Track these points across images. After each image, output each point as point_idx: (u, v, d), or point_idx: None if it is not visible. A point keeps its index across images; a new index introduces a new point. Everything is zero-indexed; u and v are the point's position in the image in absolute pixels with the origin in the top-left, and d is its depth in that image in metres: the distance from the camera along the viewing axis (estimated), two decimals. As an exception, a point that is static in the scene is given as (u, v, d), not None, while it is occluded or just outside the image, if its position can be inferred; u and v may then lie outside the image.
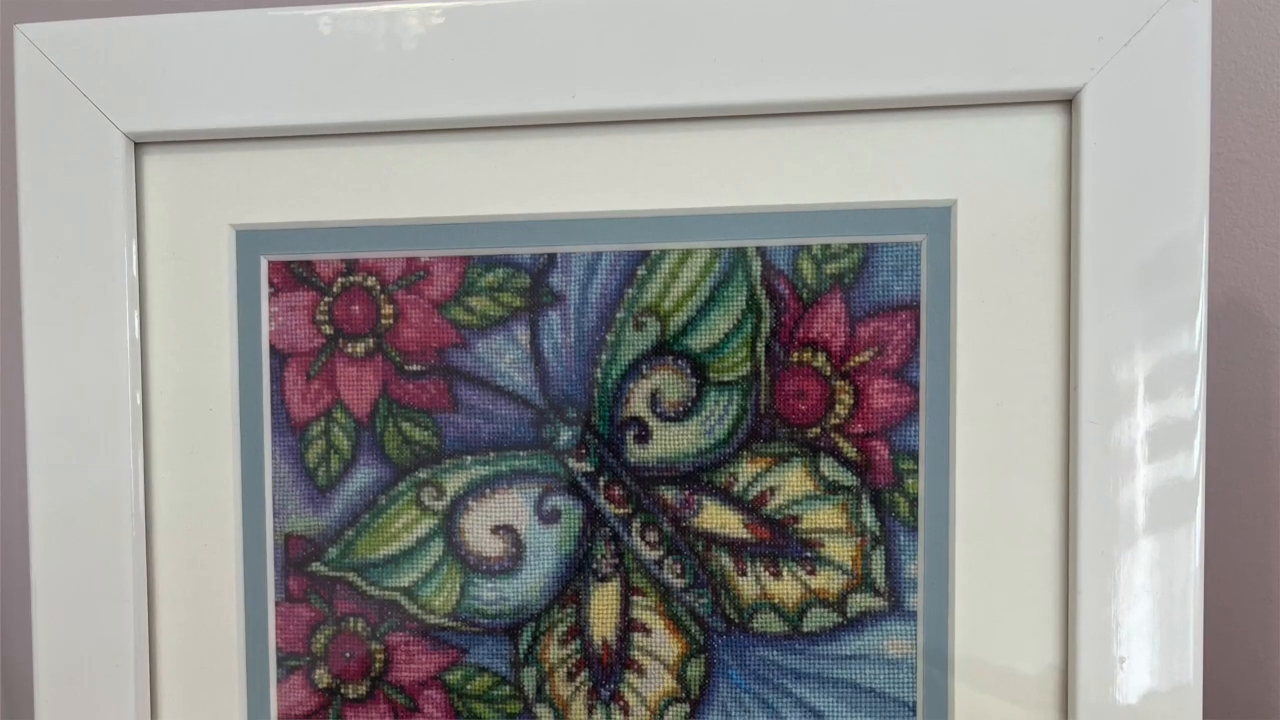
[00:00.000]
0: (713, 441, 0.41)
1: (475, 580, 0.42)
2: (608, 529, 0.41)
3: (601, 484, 0.41)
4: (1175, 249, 0.38)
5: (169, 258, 0.41)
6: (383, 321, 0.41)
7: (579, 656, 0.41)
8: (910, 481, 0.40)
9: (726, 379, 0.40)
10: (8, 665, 0.51)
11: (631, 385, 0.41)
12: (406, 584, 0.42)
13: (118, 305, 0.40)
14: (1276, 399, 0.49)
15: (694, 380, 0.40)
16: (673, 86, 0.39)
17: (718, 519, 0.41)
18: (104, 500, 0.40)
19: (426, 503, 0.42)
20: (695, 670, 0.41)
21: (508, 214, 0.40)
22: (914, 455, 0.40)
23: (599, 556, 0.41)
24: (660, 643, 0.41)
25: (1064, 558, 0.39)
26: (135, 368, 0.41)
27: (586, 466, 0.41)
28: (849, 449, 0.40)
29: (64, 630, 0.41)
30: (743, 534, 0.41)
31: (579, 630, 0.41)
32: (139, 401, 0.41)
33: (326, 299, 0.41)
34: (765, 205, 0.40)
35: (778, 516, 0.40)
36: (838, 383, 0.40)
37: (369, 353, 0.41)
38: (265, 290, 0.42)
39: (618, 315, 0.41)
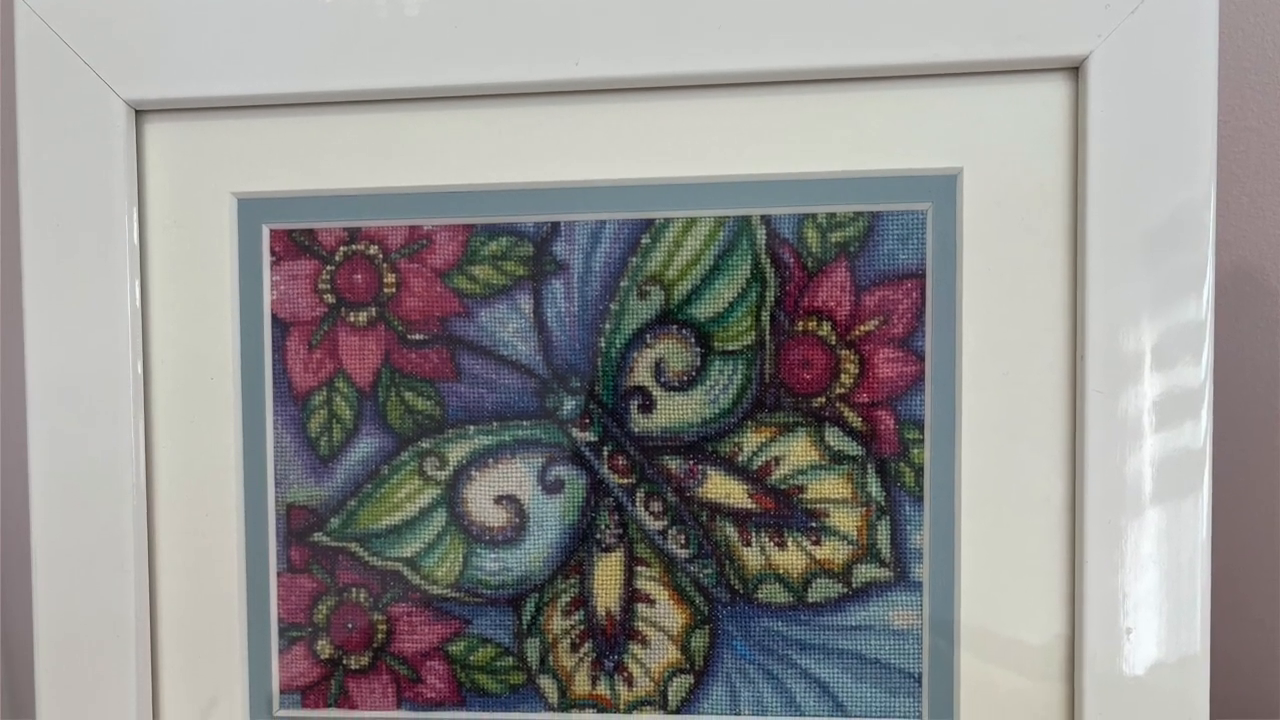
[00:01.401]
0: (717, 411, 0.40)
1: (478, 550, 0.41)
2: (611, 499, 0.41)
3: (605, 454, 0.41)
4: (1182, 217, 0.37)
5: (170, 226, 0.41)
6: (385, 290, 0.41)
7: (582, 627, 0.41)
8: (916, 451, 0.40)
9: (731, 348, 0.40)
10: (8, 635, 0.51)
11: (635, 354, 0.40)
12: (409, 554, 0.42)
13: (118, 273, 0.40)
14: (1284, 371, 0.49)
15: (698, 349, 0.40)
16: (677, 54, 0.38)
17: (722, 489, 0.40)
18: (104, 469, 0.40)
19: (429, 473, 0.41)
20: (699, 641, 0.41)
21: (511, 182, 0.40)
22: (920, 425, 0.40)
23: (603, 527, 0.41)
24: (664, 613, 0.41)
25: (1070, 528, 0.39)
26: (136, 336, 0.40)
27: (590, 436, 0.41)
28: (854, 419, 0.40)
29: (64, 599, 0.40)
30: (747, 504, 0.40)
31: (582, 601, 0.41)
32: (140, 370, 0.41)
33: (329, 267, 0.41)
34: (770, 173, 0.39)
35: (782, 486, 0.40)
36: (843, 352, 0.40)
37: (371, 322, 0.41)
38: (267, 258, 0.41)
39: (622, 284, 0.40)
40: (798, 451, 0.40)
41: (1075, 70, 0.38)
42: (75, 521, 0.40)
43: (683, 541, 0.41)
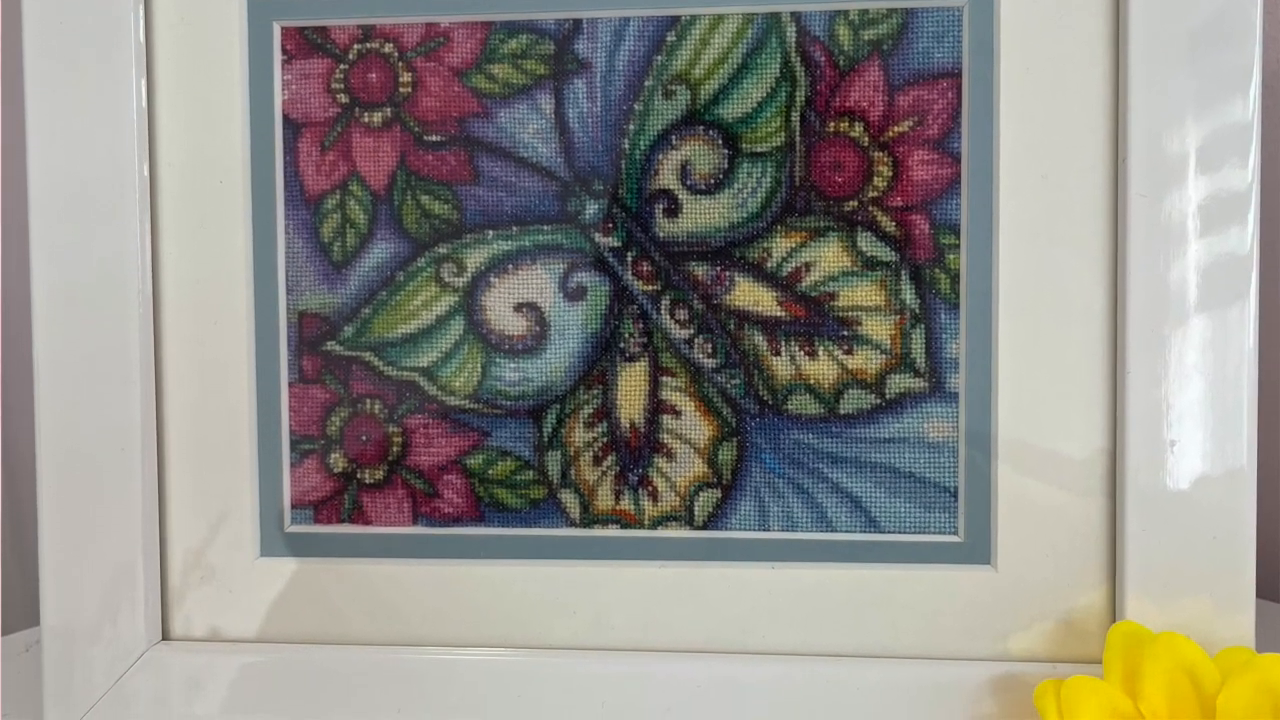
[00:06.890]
0: (745, 215, 0.39)
1: (497, 360, 0.40)
2: (635, 307, 0.39)
3: (629, 259, 0.39)
4: (1228, 13, 0.36)
5: (177, 23, 0.39)
6: (401, 90, 0.40)
7: (606, 440, 0.40)
8: (951, 257, 0.38)
9: (760, 150, 0.39)
10: (9, 449, 0.49)
11: (660, 156, 0.39)
12: (425, 364, 0.40)
13: (124, 73, 0.39)
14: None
15: (725, 151, 0.39)
16: None
17: (750, 296, 0.39)
18: (110, 276, 0.39)
19: (446, 279, 0.40)
20: (727, 454, 0.39)
21: (531, -22, 0.39)
22: (955, 229, 0.38)
23: (626, 335, 0.39)
24: (690, 425, 0.40)
25: (1112, 337, 0.38)
26: (142, 139, 0.39)
27: (613, 241, 0.39)
28: (888, 223, 0.38)
29: (68, 412, 0.39)
30: (777, 312, 0.39)
31: (605, 412, 0.40)
32: (146, 174, 0.39)
33: (342, 66, 0.40)
34: (800, -32, 0.38)
35: (813, 293, 0.39)
36: (876, 154, 0.38)
37: (386, 122, 0.40)
38: (278, 57, 0.40)
39: (646, 83, 0.39)
40: (829, 257, 0.39)
41: None
42: (79, 331, 0.39)
43: (710, 350, 0.39)
